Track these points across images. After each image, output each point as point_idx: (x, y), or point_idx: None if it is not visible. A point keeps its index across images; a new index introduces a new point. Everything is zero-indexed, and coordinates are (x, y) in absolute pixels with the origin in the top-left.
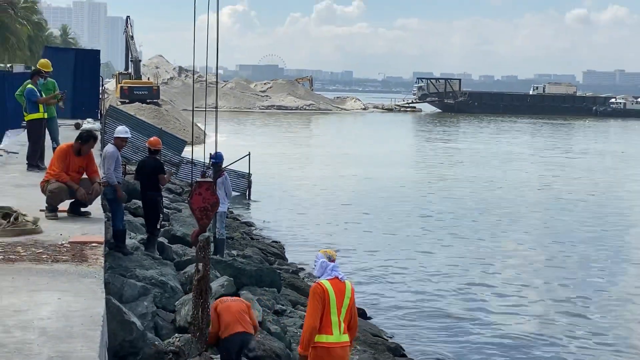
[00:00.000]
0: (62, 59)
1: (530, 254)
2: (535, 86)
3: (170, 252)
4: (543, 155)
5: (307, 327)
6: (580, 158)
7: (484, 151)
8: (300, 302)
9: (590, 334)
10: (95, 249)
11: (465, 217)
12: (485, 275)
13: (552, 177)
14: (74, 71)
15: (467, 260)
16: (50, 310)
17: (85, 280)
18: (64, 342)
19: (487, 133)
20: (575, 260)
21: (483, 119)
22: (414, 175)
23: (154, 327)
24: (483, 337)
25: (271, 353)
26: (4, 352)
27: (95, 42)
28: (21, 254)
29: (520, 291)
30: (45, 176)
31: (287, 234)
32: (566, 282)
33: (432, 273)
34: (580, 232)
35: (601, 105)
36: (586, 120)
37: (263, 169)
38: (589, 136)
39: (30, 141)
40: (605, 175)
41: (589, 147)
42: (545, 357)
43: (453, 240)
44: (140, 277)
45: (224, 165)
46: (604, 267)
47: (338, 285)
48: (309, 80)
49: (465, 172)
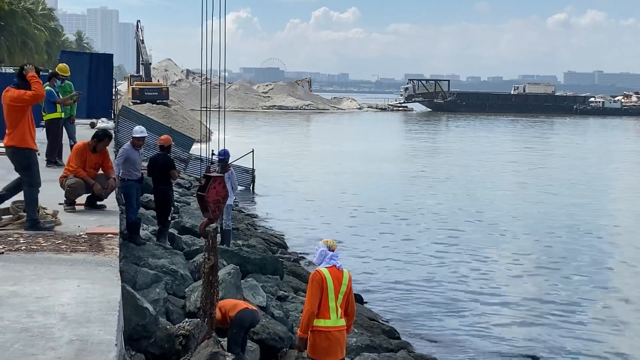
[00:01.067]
0: (77, 63)
1: (521, 243)
2: (516, 86)
3: (180, 242)
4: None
5: (306, 312)
6: (545, 151)
7: (469, 147)
8: (301, 288)
9: (582, 319)
10: (111, 240)
11: (458, 209)
12: (477, 264)
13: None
14: (89, 74)
15: (459, 248)
16: (69, 297)
17: (101, 269)
18: (83, 327)
19: (473, 130)
20: (560, 246)
21: (469, 117)
22: (407, 170)
23: (166, 312)
24: (473, 321)
25: (274, 336)
26: (28, 336)
27: (108, 46)
28: (42, 244)
29: (511, 277)
30: (64, 172)
31: (289, 225)
32: (559, 267)
33: (425, 262)
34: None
35: (581, 104)
36: (567, 118)
37: (266, 165)
38: (563, 131)
39: (49, 139)
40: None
41: (557, 140)
42: (535, 340)
43: (446, 230)
44: (153, 266)
45: (229, 161)
46: (591, 255)
47: (336, 273)
48: (308, 82)
49: (453, 167)
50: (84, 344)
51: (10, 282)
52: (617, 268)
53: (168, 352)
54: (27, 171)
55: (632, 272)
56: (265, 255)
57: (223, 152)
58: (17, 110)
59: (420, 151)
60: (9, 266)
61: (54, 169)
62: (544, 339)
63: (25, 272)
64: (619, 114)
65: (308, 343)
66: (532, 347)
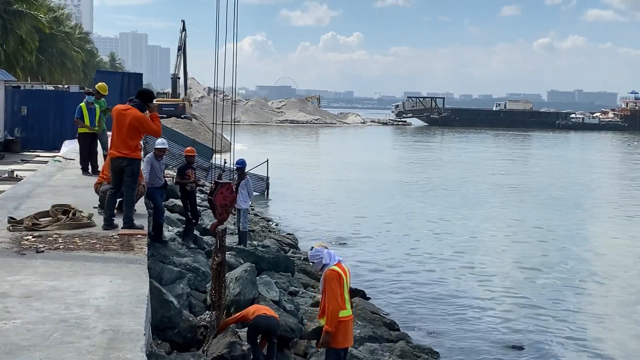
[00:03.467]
0: (110, 81)
1: (520, 244)
2: (497, 103)
3: (202, 242)
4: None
5: (335, 308)
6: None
7: (463, 157)
8: (310, 284)
9: (570, 313)
10: (140, 240)
11: (458, 210)
12: (476, 262)
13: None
14: (120, 91)
15: (459, 248)
16: (103, 291)
17: (131, 266)
18: (115, 318)
19: (464, 142)
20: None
21: (462, 131)
22: (409, 178)
23: (189, 306)
24: (468, 317)
25: (287, 327)
26: (66, 326)
27: (138, 66)
28: (78, 244)
29: (510, 276)
30: (98, 179)
31: (300, 227)
32: (560, 262)
33: (427, 260)
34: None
35: (563, 120)
36: (550, 132)
37: (279, 173)
38: (547, 143)
39: (80, 150)
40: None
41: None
42: (532, 339)
43: (448, 231)
44: (177, 264)
45: (246, 170)
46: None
47: (342, 268)
48: (317, 99)
49: (450, 173)
50: (116, 334)
51: (50, 278)
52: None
53: (190, 341)
54: (133, 177)
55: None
56: (278, 255)
57: (240, 161)
58: (137, 129)
59: (420, 161)
60: (49, 263)
61: (89, 176)
62: (531, 329)
63: (63, 269)
64: (597, 129)
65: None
66: (521, 338)
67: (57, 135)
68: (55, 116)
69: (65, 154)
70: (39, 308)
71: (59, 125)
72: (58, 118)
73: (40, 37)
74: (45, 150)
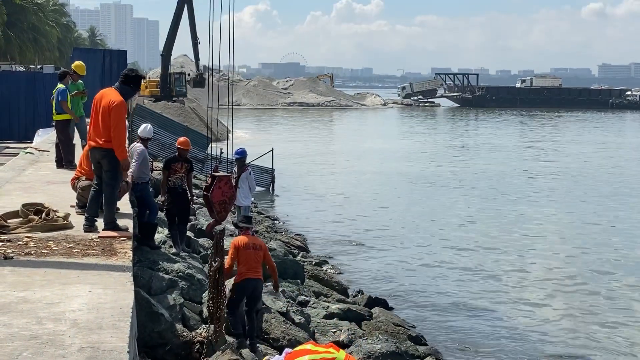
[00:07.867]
0: (90, 60)
1: (556, 247)
2: (522, 79)
3: (196, 245)
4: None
5: None
6: None
7: (502, 144)
8: (323, 292)
9: (607, 327)
10: (124, 243)
11: (485, 210)
12: (509, 269)
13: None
14: (102, 71)
15: (491, 254)
16: (81, 303)
17: (114, 274)
18: (94, 333)
19: (503, 126)
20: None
21: (500, 113)
22: (429, 170)
23: (182, 319)
24: (504, 329)
25: (295, 343)
26: (37, 344)
27: (122, 42)
28: (53, 248)
29: (545, 287)
30: (75, 174)
31: (310, 227)
32: (591, 270)
33: (452, 265)
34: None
35: (617, 98)
36: (602, 113)
37: (286, 164)
38: (600, 127)
39: (61, 141)
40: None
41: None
42: (571, 353)
43: (484, 230)
44: (168, 270)
45: (247, 161)
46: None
47: None
48: (330, 77)
49: (486, 163)
50: (95, 352)
51: (20, 288)
52: None
53: (185, 359)
54: (113, 172)
55: None
56: (286, 259)
57: (240, 151)
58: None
59: (447, 149)
60: (18, 271)
61: (65, 170)
62: (580, 344)
63: (35, 277)
64: None
65: None
66: (567, 352)
67: (29, 123)
68: (27, 102)
69: (39, 145)
70: (7, 323)
71: (31, 112)
72: (30, 104)
73: (9, 10)
74: (16, 141)
